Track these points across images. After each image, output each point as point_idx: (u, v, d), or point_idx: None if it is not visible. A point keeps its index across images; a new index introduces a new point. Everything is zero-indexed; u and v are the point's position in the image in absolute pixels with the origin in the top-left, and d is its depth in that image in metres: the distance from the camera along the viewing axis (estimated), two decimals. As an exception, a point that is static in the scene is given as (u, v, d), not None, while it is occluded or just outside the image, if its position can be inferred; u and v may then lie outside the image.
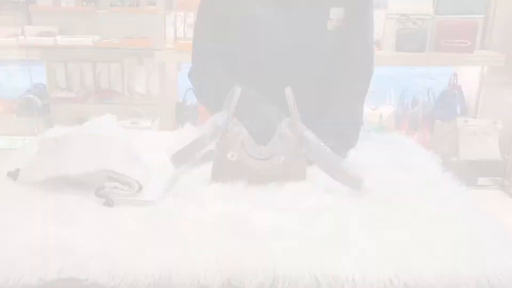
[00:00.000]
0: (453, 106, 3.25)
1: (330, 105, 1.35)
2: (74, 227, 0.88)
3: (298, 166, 1.07)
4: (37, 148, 1.10)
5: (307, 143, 1.06)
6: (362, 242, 0.85)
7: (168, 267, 0.79)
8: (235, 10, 1.36)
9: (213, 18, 1.38)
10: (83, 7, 2.96)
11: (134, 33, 3.01)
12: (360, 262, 0.80)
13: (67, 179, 1.00)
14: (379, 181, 1.08)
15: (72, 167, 1.00)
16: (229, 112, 1.09)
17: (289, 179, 1.07)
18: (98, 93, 3.09)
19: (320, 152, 1.07)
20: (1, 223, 0.89)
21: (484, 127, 3.19)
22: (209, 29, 1.39)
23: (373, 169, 1.14)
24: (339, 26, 1.34)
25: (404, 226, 0.92)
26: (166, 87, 3.20)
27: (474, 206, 1.00)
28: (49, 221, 0.89)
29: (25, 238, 0.84)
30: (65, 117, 3.10)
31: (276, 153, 1.06)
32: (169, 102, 3.26)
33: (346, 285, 0.77)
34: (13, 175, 1.07)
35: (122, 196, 0.97)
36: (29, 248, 0.81)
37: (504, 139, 3.25)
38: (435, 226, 0.91)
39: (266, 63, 1.35)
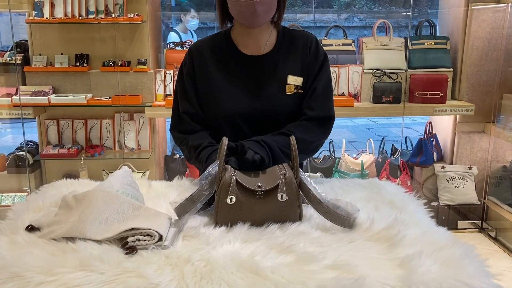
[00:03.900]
0: (430, 153, 3.42)
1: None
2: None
3: (296, 207, 1.17)
4: (60, 204, 1.18)
5: (304, 187, 1.17)
6: (364, 276, 0.94)
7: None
8: (206, 77, 1.53)
9: (189, 82, 1.54)
10: (76, 68, 3.09)
11: (125, 91, 3.15)
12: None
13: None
14: (370, 220, 1.19)
15: (90, 230, 1.05)
16: (221, 160, 1.20)
17: (287, 219, 1.17)
18: (89, 149, 3.17)
19: (315, 195, 1.17)
20: (33, 270, 0.95)
21: (461, 173, 3.36)
22: (185, 92, 1.55)
23: (362, 209, 1.25)
24: (297, 90, 1.51)
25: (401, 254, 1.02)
26: (155, 141, 3.30)
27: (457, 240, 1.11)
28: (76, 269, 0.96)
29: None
30: (57, 173, 3.17)
31: (278, 192, 1.15)
32: (158, 156, 3.36)
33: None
34: (33, 230, 1.12)
35: (144, 246, 1.04)
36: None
37: (479, 184, 3.41)
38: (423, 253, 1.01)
39: (233, 124, 1.50)
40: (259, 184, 1.16)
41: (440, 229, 1.19)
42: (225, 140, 1.22)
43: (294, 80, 1.51)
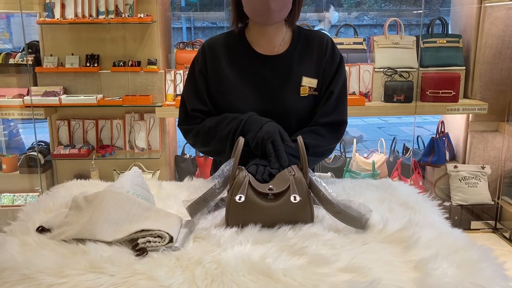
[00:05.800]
0: (442, 152, 3.38)
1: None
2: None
3: (307, 208, 1.16)
4: (70, 205, 1.17)
5: (315, 188, 1.16)
6: (378, 279, 0.92)
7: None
8: (218, 75, 1.50)
9: (200, 79, 1.52)
10: (86, 68, 3.10)
11: (136, 91, 3.15)
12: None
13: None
14: (384, 222, 1.17)
15: (101, 232, 1.04)
16: (235, 160, 1.18)
17: (298, 221, 1.15)
18: (100, 149, 3.17)
19: (326, 195, 1.15)
20: (43, 272, 0.94)
21: (474, 172, 3.31)
22: (195, 90, 1.53)
23: (375, 210, 1.23)
24: (311, 92, 1.49)
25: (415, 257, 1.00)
26: (165, 141, 3.30)
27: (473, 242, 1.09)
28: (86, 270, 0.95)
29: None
30: (68, 173, 3.18)
31: (290, 193, 1.14)
32: (168, 156, 3.35)
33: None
34: (44, 231, 1.12)
35: (155, 247, 1.03)
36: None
37: (493, 183, 3.37)
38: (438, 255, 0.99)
39: None
40: (270, 186, 1.15)
41: (455, 230, 1.17)
42: (241, 140, 1.20)
43: (308, 82, 1.48)
